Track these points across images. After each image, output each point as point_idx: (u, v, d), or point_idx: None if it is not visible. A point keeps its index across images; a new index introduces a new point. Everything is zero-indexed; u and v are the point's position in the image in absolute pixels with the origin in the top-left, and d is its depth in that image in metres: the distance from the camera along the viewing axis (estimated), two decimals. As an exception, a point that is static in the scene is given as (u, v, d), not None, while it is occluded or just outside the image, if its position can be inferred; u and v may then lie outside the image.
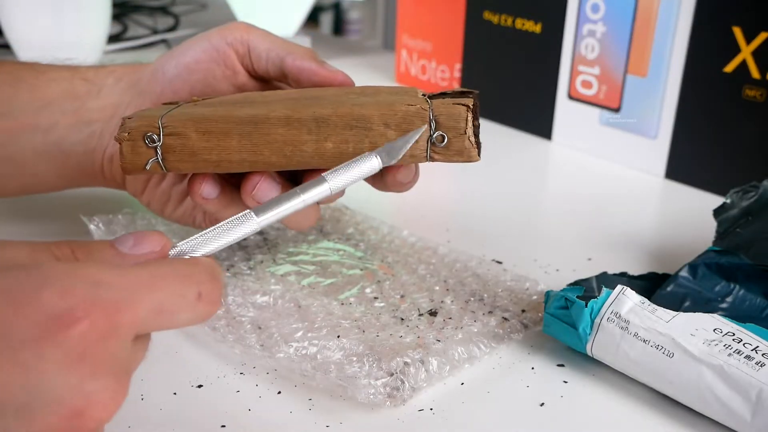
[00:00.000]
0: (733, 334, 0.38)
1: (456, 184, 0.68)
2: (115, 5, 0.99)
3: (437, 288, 0.48)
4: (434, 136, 0.40)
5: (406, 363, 0.39)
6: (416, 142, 0.40)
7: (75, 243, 0.30)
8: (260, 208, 0.34)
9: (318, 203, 0.43)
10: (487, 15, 0.79)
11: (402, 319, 0.44)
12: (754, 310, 0.45)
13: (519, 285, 0.48)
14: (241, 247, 0.51)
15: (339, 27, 2.66)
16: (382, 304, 0.46)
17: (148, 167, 0.41)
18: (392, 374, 0.39)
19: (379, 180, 0.44)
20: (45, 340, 0.26)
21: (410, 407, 0.39)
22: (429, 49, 0.89)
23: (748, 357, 0.37)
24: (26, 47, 0.85)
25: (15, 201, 0.55)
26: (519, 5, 0.76)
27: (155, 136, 0.41)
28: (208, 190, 0.43)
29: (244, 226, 0.33)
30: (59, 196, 0.55)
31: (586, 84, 0.72)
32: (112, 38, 1.01)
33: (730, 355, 0.37)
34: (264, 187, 0.42)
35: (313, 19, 2.38)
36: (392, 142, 0.38)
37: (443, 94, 0.42)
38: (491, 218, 0.60)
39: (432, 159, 0.41)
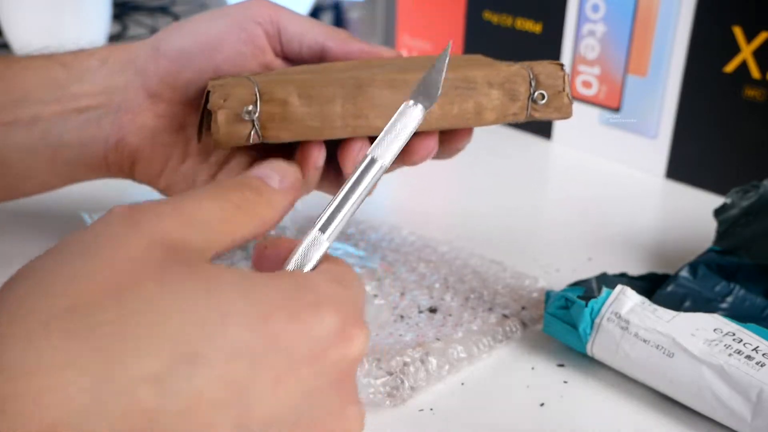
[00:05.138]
0: (734, 334, 0.38)
1: (456, 183, 0.68)
2: (115, 5, 0.98)
3: (437, 285, 0.48)
4: (534, 94, 0.41)
5: (405, 362, 0.39)
6: (518, 100, 0.41)
7: (246, 190, 0.29)
8: (324, 224, 0.30)
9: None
10: (487, 15, 0.79)
11: (402, 317, 0.44)
12: (754, 310, 0.45)
13: (518, 282, 0.48)
14: (241, 246, 0.51)
15: (339, 27, 2.66)
16: (382, 302, 0.46)
17: (250, 140, 0.39)
18: (392, 373, 0.39)
19: (438, 150, 0.43)
20: (322, 359, 0.26)
21: (410, 407, 0.39)
22: (429, 49, 0.89)
23: (748, 357, 0.37)
24: (26, 47, 0.85)
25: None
26: (519, 5, 0.76)
27: (251, 107, 0.39)
28: (320, 156, 0.41)
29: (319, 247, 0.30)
30: (58, 192, 0.55)
31: (586, 84, 0.72)
32: (112, 38, 1.01)
33: (730, 355, 0.37)
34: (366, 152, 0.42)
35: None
36: (423, 78, 0.32)
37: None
38: (491, 218, 0.60)
39: (531, 117, 0.42)
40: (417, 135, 0.42)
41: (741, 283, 0.46)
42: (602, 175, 0.70)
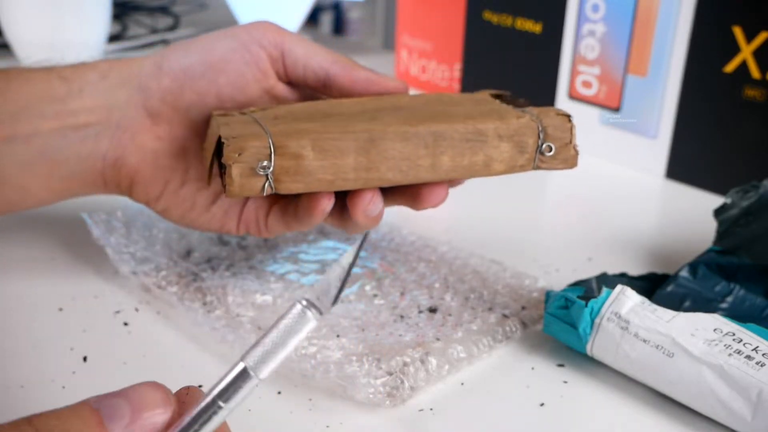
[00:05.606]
0: (734, 334, 0.38)
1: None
2: (115, 5, 0.98)
3: (437, 285, 0.48)
4: (543, 146, 0.41)
5: (405, 362, 0.39)
6: (526, 152, 0.42)
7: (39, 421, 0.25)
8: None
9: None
10: (487, 15, 0.79)
11: (402, 317, 0.44)
12: (754, 310, 0.45)
13: (518, 282, 0.48)
14: (241, 247, 0.51)
15: (339, 27, 2.66)
16: (381, 302, 0.46)
17: (263, 193, 0.39)
18: (392, 373, 0.39)
19: (412, 203, 0.44)
20: None
21: (410, 407, 0.39)
22: (429, 48, 0.89)
23: (748, 357, 0.37)
24: (26, 47, 0.85)
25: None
26: (519, 5, 0.76)
27: (266, 162, 0.38)
28: (329, 205, 0.41)
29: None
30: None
31: (586, 84, 0.72)
32: (112, 38, 1.01)
33: (730, 355, 0.37)
34: (377, 201, 0.42)
35: (313, 19, 2.38)
36: (321, 281, 0.28)
37: (508, 99, 0.45)
38: (491, 218, 0.60)
39: (537, 168, 0.42)
40: (427, 185, 0.42)
41: (741, 283, 0.46)
42: (602, 175, 0.70)
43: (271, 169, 0.38)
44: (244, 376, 0.27)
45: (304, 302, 0.27)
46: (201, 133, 0.45)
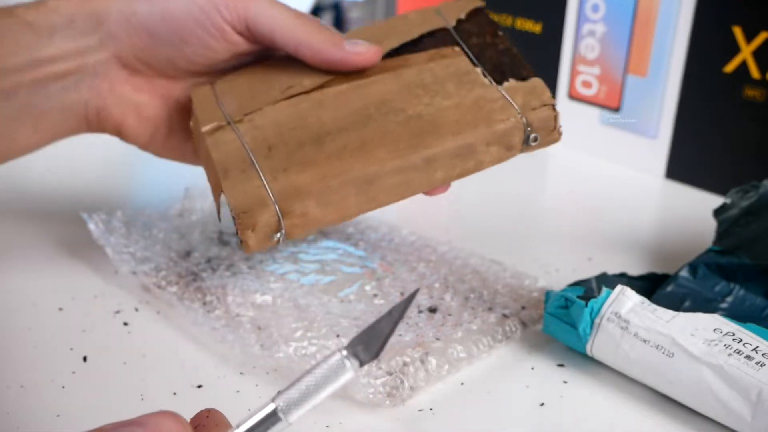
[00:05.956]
0: (734, 334, 0.38)
1: (455, 183, 0.68)
2: None
3: (437, 285, 0.48)
4: (529, 139, 0.42)
5: (405, 362, 0.39)
6: (514, 149, 0.42)
7: None
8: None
9: None
10: (487, 15, 0.79)
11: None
12: (754, 310, 0.45)
13: (518, 282, 0.48)
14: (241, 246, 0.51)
15: (339, 27, 2.66)
16: (381, 302, 0.46)
17: (277, 246, 0.43)
18: (391, 373, 0.39)
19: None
20: None
21: (410, 407, 0.39)
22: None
23: (748, 357, 0.37)
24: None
25: (13, 198, 0.55)
26: (519, 5, 0.76)
27: (279, 234, 0.40)
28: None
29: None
30: (58, 193, 0.55)
31: (586, 84, 0.72)
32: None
33: (730, 355, 0.37)
34: None
35: (313, 19, 2.37)
36: (365, 331, 0.27)
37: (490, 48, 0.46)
38: (491, 218, 0.60)
39: (524, 152, 0.43)
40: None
41: (741, 283, 0.46)
42: (602, 175, 0.70)
43: (282, 231, 0.40)
44: (273, 417, 0.26)
45: (345, 352, 0.27)
46: (180, 86, 0.47)
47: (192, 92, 0.46)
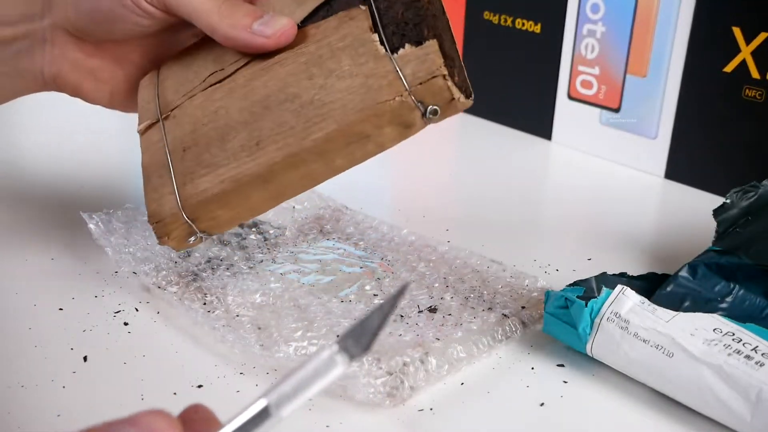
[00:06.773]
0: (733, 334, 0.38)
1: (455, 183, 0.68)
2: None
3: (437, 285, 0.48)
4: (428, 113, 0.40)
5: (405, 362, 0.39)
6: (413, 125, 0.40)
7: None
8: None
9: None
10: (487, 15, 0.79)
11: (401, 317, 0.44)
12: (754, 310, 0.45)
13: (518, 282, 0.48)
14: (241, 247, 0.51)
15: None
16: (381, 302, 0.46)
17: (197, 245, 0.45)
18: (391, 373, 0.39)
19: None
20: None
21: (410, 407, 0.39)
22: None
23: (747, 357, 0.37)
24: None
25: (13, 198, 0.55)
26: (519, 5, 0.76)
27: (193, 238, 0.44)
28: None
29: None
30: (57, 193, 0.55)
31: (586, 84, 0.72)
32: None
33: (730, 354, 0.37)
34: None
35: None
36: (359, 322, 0.27)
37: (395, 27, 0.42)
38: (491, 218, 0.60)
39: (431, 123, 0.41)
40: None
41: (741, 283, 0.46)
42: (602, 175, 0.70)
43: (198, 233, 0.43)
44: (264, 413, 0.26)
45: (335, 346, 0.26)
46: (131, 47, 0.49)
47: (141, 81, 0.48)
